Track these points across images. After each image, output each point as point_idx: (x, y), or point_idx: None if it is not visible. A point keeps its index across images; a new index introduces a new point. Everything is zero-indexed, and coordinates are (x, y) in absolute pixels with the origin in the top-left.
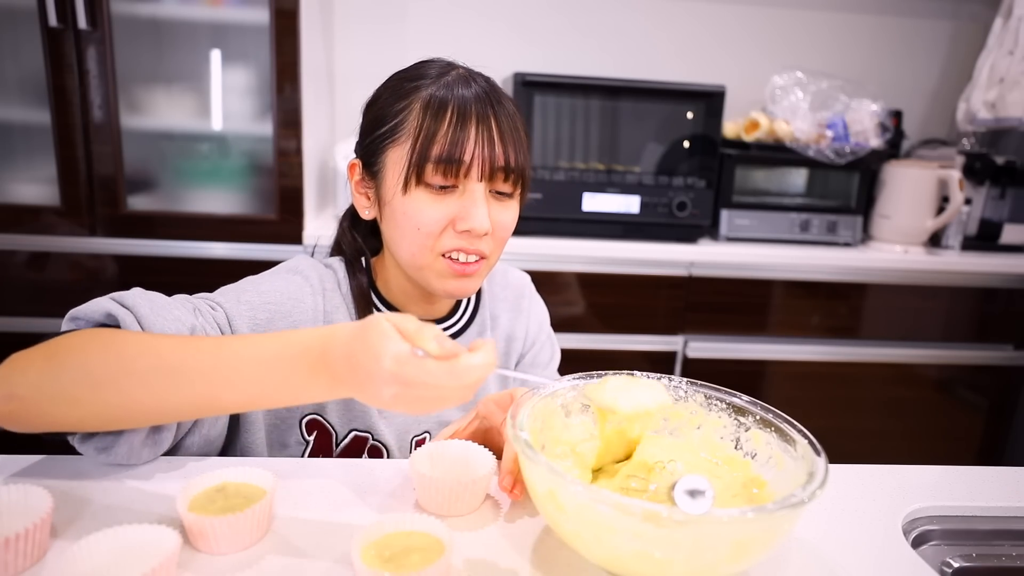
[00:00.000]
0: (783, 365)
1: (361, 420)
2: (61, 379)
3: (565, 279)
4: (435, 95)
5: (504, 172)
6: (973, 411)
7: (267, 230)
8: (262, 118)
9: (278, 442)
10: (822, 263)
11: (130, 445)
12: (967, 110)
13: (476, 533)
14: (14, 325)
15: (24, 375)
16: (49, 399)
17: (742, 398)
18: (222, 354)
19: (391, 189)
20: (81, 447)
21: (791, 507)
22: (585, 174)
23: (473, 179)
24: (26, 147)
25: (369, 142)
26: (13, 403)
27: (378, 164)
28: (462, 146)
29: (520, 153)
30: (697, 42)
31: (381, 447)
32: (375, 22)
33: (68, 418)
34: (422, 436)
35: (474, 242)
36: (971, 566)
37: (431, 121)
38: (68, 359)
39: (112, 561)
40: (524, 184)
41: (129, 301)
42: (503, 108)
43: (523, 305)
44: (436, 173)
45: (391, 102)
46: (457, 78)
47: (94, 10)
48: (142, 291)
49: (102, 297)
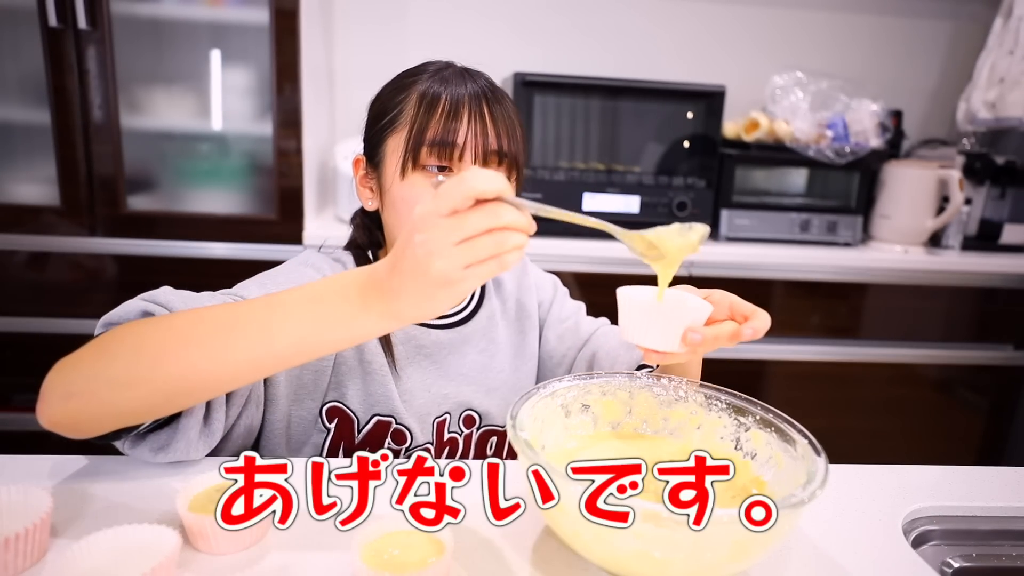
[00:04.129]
0: (783, 365)
1: (383, 404)
2: (116, 364)
3: (565, 279)
4: (430, 88)
5: (497, 156)
6: (973, 411)
7: (267, 230)
8: (262, 118)
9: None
10: (822, 263)
11: (187, 440)
12: (967, 110)
13: (476, 533)
14: (14, 325)
15: (76, 371)
16: (107, 385)
17: (742, 398)
18: (272, 302)
19: (391, 176)
20: (133, 451)
21: (791, 507)
22: (585, 174)
23: (467, 162)
24: (26, 147)
25: (371, 135)
26: (71, 401)
27: (379, 154)
28: (455, 131)
29: (513, 141)
30: (697, 42)
31: (405, 431)
32: (375, 22)
33: (129, 403)
34: (443, 418)
35: None
36: (971, 566)
37: (425, 109)
38: (119, 346)
39: (112, 561)
40: (519, 172)
41: (161, 299)
42: (497, 101)
43: (527, 282)
44: (431, 155)
45: (391, 95)
46: (453, 74)
47: (94, 10)
48: (171, 289)
49: (132, 299)
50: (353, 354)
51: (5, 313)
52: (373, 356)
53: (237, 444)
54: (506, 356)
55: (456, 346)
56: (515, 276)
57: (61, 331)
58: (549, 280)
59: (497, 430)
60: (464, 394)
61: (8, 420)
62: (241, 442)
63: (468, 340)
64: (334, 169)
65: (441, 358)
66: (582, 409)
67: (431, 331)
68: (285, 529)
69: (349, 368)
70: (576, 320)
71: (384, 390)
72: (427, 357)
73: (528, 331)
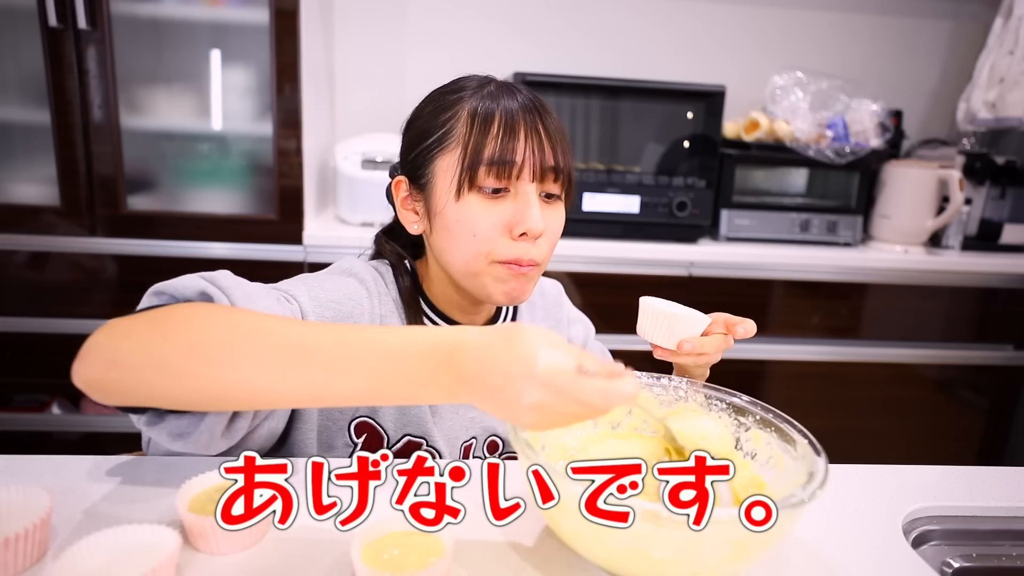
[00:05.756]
0: (783, 365)
1: (416, 425)
2: (168, 348)
3: (565, 279)
4: (481, 105)
5: (554, 173)
6: (973, 411)
7: (267, 230)
8: (262, 118)
9: (326, 443)
10: (822, 263)
11: (211, 434)
12: (967, 110)
13: (476, 533)
14: (14, 325)
15: (128, 341)
16: (154, 368)
17: (742, 398)
18: (346, 340)
19: (443, 198)
20: (150, 430)
21: (791, 507)
22: (585, 174)
23: (525, 180)
24: (26, 147)
25: (415, 155)
26: (115, 371)
27: (427, 175)
28: (513, 149)
29: (567, 155)
30: (697, 42)
31: (435, 453)
32: (375, 22)
33: (170, 391)
34: (469, 442)
35: (530, 249)
36: (971, 566)
37: (480, 128)
38: (178, 328)
39: (112, 561)
40: (571, 186)
41: (222, 281)
42: (548, 114)
43: (561, 315)
44: (489, 176)
45: (435, 114)
46: (499, 89)
47: (94, 10)
48: (230, 273)
49: (191, 275)
50: None
51: (5, 313)
52: None
53: (256, 445)
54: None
55: None
56: (550, 307)
57: (61, 331)
58: (581, 318)
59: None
60: (489, 419)
61: (8, 420)
62: (260, 444)
63: None
64: (334, 169)
65: None
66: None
67: None
68: (285, 529)
69: None
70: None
71: (419, 410)
72: None
73: None
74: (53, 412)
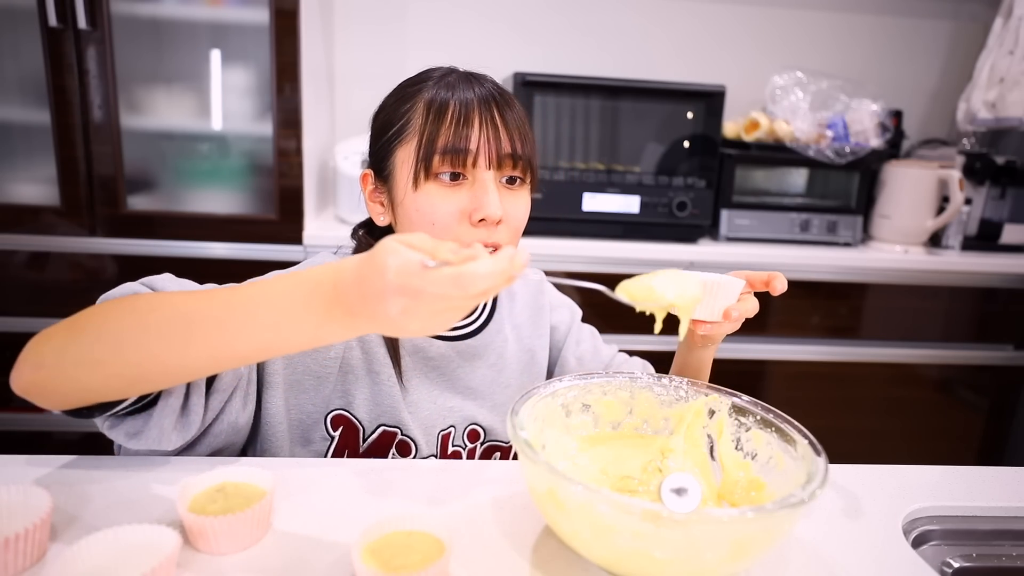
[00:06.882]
0: (783, 365)
1: (390, 414)
2: (82, 342)
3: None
4: (437, 95)
5: (512, 159)
6: (973, 411)
7: (267, 230)
8: (262, 118)
9: (303, 438)
10: (822, 263)
11: (160, 429)
12: (967, 110)
13: (476, 533)
14: (14, 325)
15: (48, 343)
16: (73, 363)
17: (742, 398)
18: (234, 300)
19: (402, 188)
20: (111, 433)
21: (791, 507)
22: (585, 174)
23: (481, 167)
24: (26, 147)
25: (378, 148)
26: (40, 372)
27: (388, 167)
28: (467, 137)
29: (526, 143)
30: (697, 42)
31: (410, 442)
32: (375, 22)
33: (92, 381)
34: (447, 431)
35: (491, 235)
36: (971, 566)
37: (434, 118)
38: (89, 324)
39: (112, 561)
40: (533, 173)
41: (157, 284)
42: (506, 104)
43: (543, 302)
44: (444, 163)
45: (396, 106)
46: (459, 79)
47: (94, 10)
48: (173, 276)
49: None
50: (362, 363)
51: (5, 313)
52: (382, 366)
53: (220, 440)
54: (513, 372)
55: (464, 359)
56: (530, 293)
57: None
58: (565, 303)
59: (501, 445)
60: (469, 408)
61: (8, 420)
62: (224, 439)
63: (477, 353)
64: (334, 169)
65: (449, 371)
66: (583, 409)
67: (438, 343)
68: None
69: (357, 377)
70: (594, 344)
71: (391, 400)
72: (434, 369)
73: (538, 349)
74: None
